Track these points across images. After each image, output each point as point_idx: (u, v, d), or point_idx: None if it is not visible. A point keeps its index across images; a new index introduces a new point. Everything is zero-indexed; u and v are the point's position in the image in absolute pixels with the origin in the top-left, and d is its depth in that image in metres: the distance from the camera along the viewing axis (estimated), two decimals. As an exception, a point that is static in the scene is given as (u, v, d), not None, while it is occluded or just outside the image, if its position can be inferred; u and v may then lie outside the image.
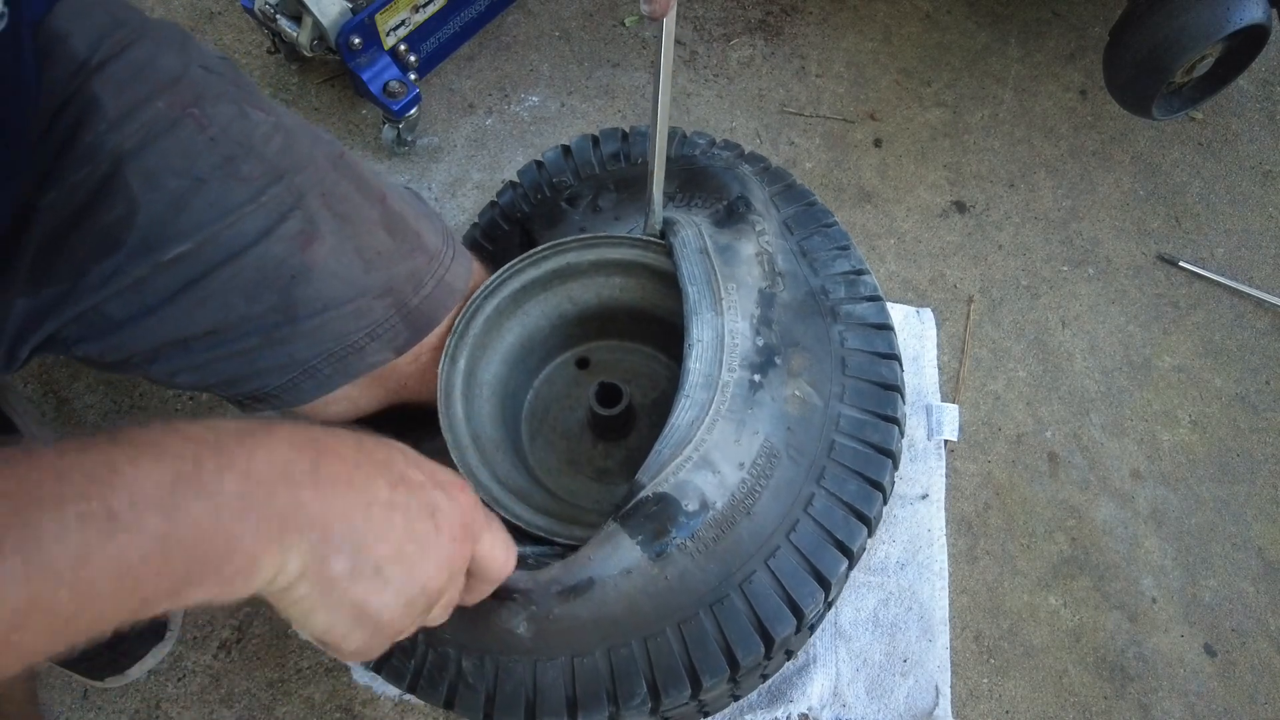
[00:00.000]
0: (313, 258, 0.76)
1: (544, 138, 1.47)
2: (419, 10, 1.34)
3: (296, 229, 0.75)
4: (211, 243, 0.73)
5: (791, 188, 0.99)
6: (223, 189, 0.72)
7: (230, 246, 0.73)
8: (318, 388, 0.83)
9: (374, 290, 0.80)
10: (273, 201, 0.74)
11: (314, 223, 0.76)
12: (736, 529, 0.76)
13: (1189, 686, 1.13)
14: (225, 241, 0.73)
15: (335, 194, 0.78)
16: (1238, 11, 1.19)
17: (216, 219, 0.72)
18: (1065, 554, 1.20)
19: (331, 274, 0.77)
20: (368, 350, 0.82)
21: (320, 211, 0.76)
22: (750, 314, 0.85)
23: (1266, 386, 1.32)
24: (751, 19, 1.60)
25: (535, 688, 0.74)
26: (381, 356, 0.83)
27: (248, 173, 0.73)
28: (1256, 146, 1.52)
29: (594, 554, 0.75)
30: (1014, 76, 1.56)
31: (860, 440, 0.82)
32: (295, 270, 0.75)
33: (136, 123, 0.71)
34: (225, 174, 0.72)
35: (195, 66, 0.75)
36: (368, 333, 0.81)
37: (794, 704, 1.08)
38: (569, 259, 0.93)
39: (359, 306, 0.79)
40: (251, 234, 0.74)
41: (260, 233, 0.74)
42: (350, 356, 0.81)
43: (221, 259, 0.73)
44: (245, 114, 0.75)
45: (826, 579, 0.76)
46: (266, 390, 0.82)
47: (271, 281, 0.75)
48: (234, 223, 0.73)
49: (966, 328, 1.34)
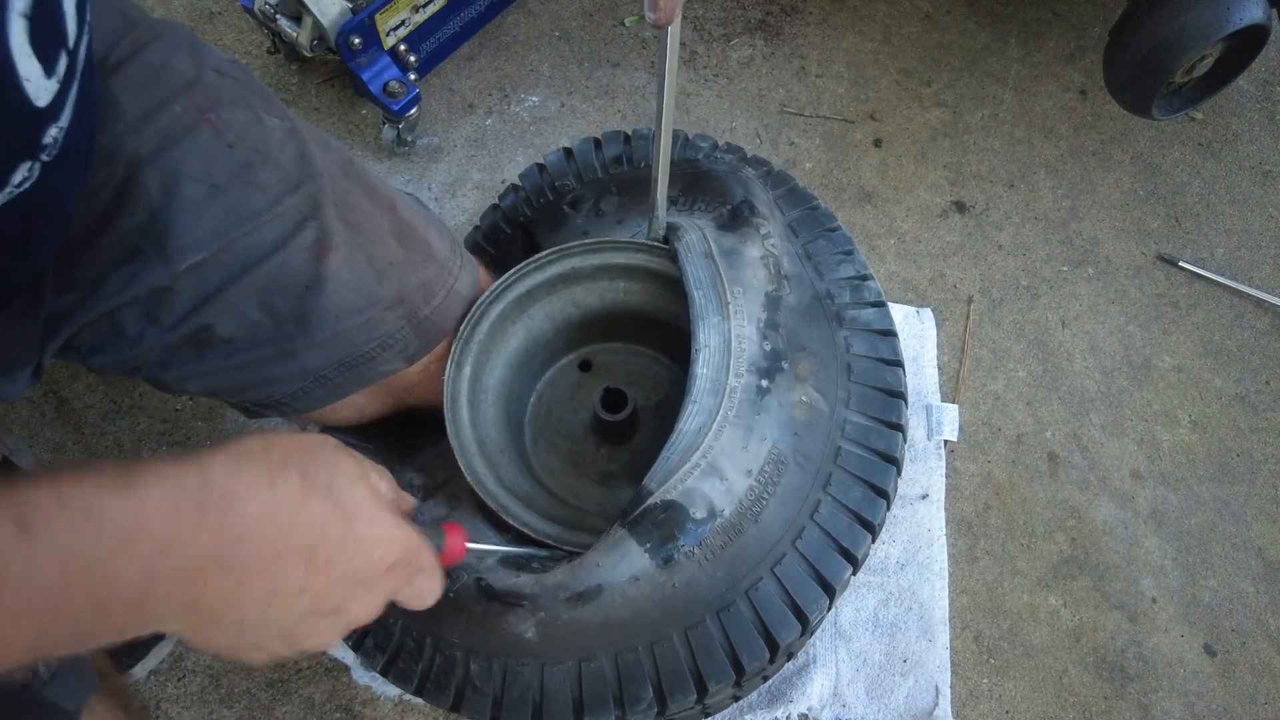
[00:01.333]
0: (327, 268, 0.76)
1: (544, 138, 1.46)
2: (419, 10, 1.33)
3: (312, 239, 0.75)
4: (227, 252, 0.72)
5: (794, 191, 1.00)
6: (240, 197, 0.72)
7: (245, 257, 0.73)
8: (328, 395, 0.83)
9: (386, 301, 0.80)
10: (289, 211, 0.74)
11: (329, 233, 0.76)
12: (744, 536, 0.76)
13: (1189, 686, 1.14)
14: (240, 251, 0.73)
15: (348, 203, 0.78)
16: (1238, 11, 1.19)
17: (233, 227, 0.72)
18: (1065, 554, 1.20)
19: (345, 284, 0.77)
20: (379, 360, 0.82)
21: (334, 222, 0.76)
22: (757, 318, 0.85)
23: (1266, 386, 1.33)
24: (751, 19, 1.59)
25: (542, 691, 0.75)
26: (393, 366, 0.83)
27: (265, 180, 0.73)
28: (1256, 146, 1.53)
29: (602, 560, 0.75)
30: (1014, 76, 1.57)
31: (866, 447, 0.82)
32: (309, 280, 0.75)
33: (154, 126, 0.70)
34: (243, 181, 0.72)
35: (208, 70, 0.74)
36: (380, 343, 0.81)
37: (794, 704, 1.08)
38: (573, 263, 0.93)
39: (371, 317, 0.79)
40: (267, 244, 0.73)
41: (276, 243, 0.74)
42: (362, 366, 0.81)
43: (237, 270, 0.73)
44: (260, 120, 0.75)
45: (831, 585, 0.77)
46: (277, 398, 0.82)
47: (286, 291, 0.75)
48: (250, 232, 0.73)
49: (966, 328, 1.34)
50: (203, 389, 0.80)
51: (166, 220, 0.70)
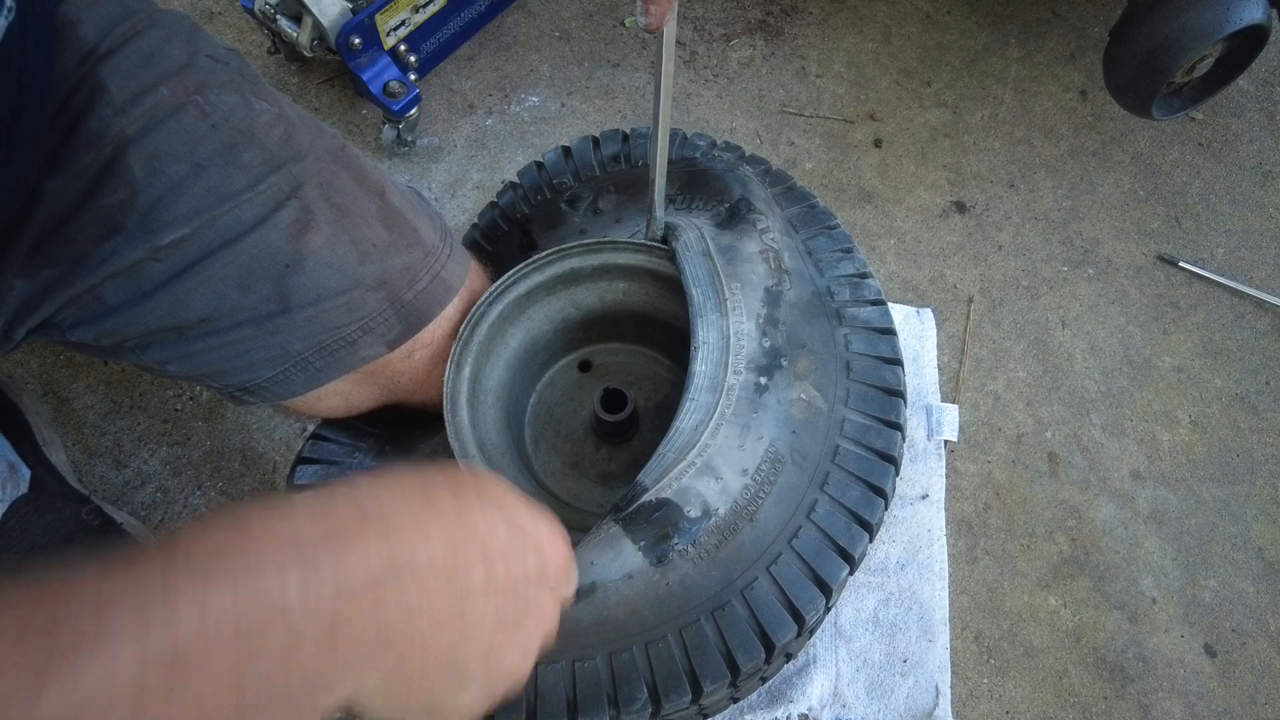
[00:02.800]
0: (307, 246, 0.76)
1: (544, 138, 1.46)
2: (419, 10, 1.33)
3: (292, 217, 0.75)
4: (208, 228, 0.73)
5: (793, 189, 0.99)
6: (222, 175, 0.73)
7: (226, 233, 0.74)
8: (308, 381, 0.83)
9: (367, 282, 0.80)
10: (270, 189, 0.75)
11: (310, 212, 0.76)
12: (739, 535, 0.76)
13: (1189, 687, 1.14)
14: (221, 228, 0.74)
15: (333, 185, 0.78)
16: (1238, 11, 1.19)
17: (214, 205, 0.73)
18: (1065, 554, 1.20)
19: (325, 264, 0.77)
20: (360, 344, 0.82)
21: (317, 201, 0.77)
22: (756, 314, 0.85)
23: (1266, 386, 1.33)
24: (751, 19, 1.59)
25: (537, 690, 0.75)
26: (373, 350, 0.83)
27: (247, 161, 0.74)
28: (1256, 146, 1.52)
29: (596, 558, 0.75)
30: (1014, 76, 1.56)
31: (864, 446, 0.82)
32: (289, 259, 0.76)
33: (141, 108, 0.71)
34: (225, 161, 0.73)
35: (202, 56, 0.75)
36: (360, 325, 0.81)
37: (794, 704, 1.08)
38: (573, 264, 0.93)
39: (352, 298, 0.79)
40: (248, 221, 0.74)
41: (256, 220, 0.74)
42: (342, 349, 0.81)
43: (217, 245, 0.74)
44: (249, 103, 0.75)
45: (828, 585, 0.77)
46: (257, 382, 0.82)
47: (266, 269, 0.75)
48: (231, 209, 0.73)
49: (966, 328, 1.34)
50: (184, 372, 0.81)
51: (147, 196, 0.71)
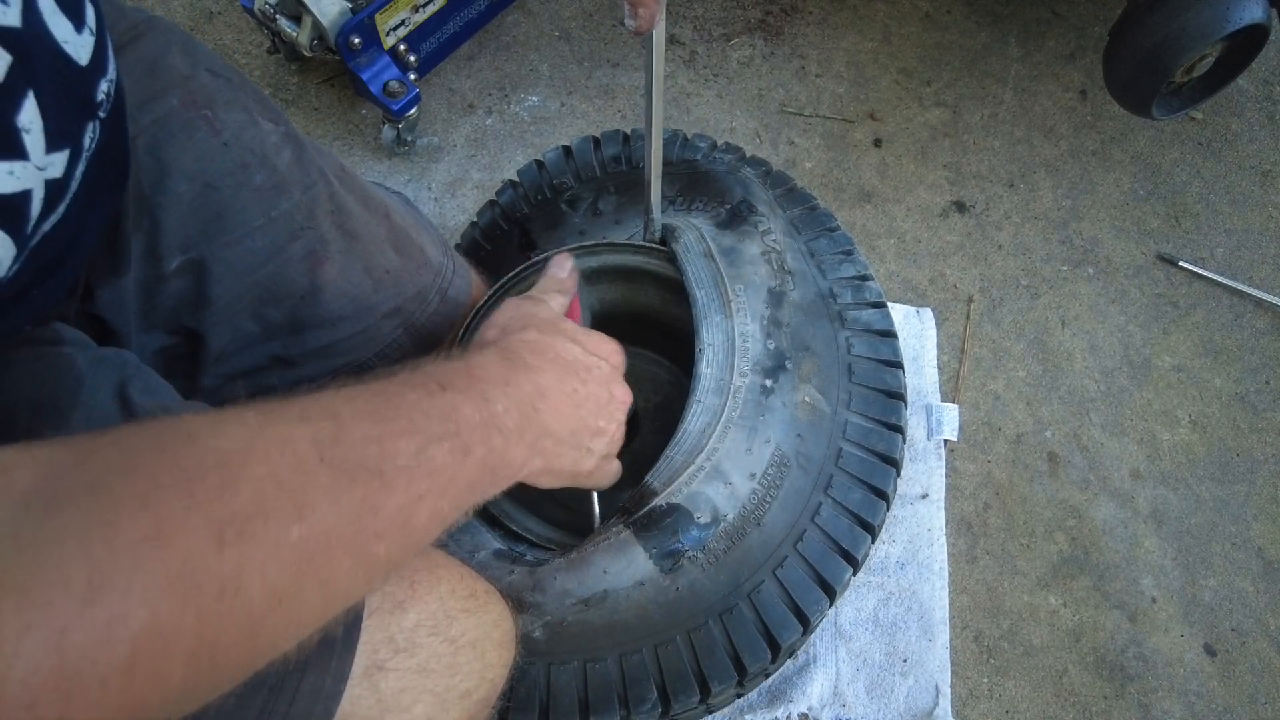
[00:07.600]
0: (323, 278, 0.75)
1: (544, 138, 1.46)
2: (419, 10, 1.33)
3: (307, 249, 0.74)
4: (216, 259, 0.71)
5: (793, 191, 0.99)
6: (233, 198, 0.71)
7: (237, 266, 0.71)
8: None
9: (383, 310, 0.79)
10: (283, 218, 0.73)
11: (324, 242, 0.75)
12: (746, 540, 0.76)
13: (1189, 686, 1.14)
14: (232, 260, 0.71)
15: (343, 210, 0.77)
16: (1238, 11, 1.19)
17: (224, 232, 0.71)
18: (1065, 554, 1.21)
19: (341, 294, 0.76)
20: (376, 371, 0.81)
21: (330, 230, 0.75)
22: (760, 315, 0.85)
23: (1266, 386, 1.33)
24: (751, 19, 1.59)
25: (549, 690, 0.75)
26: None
27: (260, 184, 0.72)
28: (1256, 146, 1.53)
29: (609, 565, 0.76)
30: (1014, 76, 1.56)
31: (866, 448, 0.82)
32: (304, 291, 0.74)
33: (150, 116, 0.68)
34: (236, 183, 0.71)
35: (203, 69, 0.73)
36: (377, 353, 0.81)
37: (794, 704, 1.08)
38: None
39: (368, 327, 0.78)
40: (262, 252, 0.72)
41: (270, 252, 0.72)
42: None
43: (228, 278, 0.71)
44: (256, 122, 0.73)
45: (832, 587, 0.77)
46: None
47: (281, 302, 0.74)
48: (242, 238, 0.71)
49: (966, 328, 1.35)
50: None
51: (155, 216, 0.69)
